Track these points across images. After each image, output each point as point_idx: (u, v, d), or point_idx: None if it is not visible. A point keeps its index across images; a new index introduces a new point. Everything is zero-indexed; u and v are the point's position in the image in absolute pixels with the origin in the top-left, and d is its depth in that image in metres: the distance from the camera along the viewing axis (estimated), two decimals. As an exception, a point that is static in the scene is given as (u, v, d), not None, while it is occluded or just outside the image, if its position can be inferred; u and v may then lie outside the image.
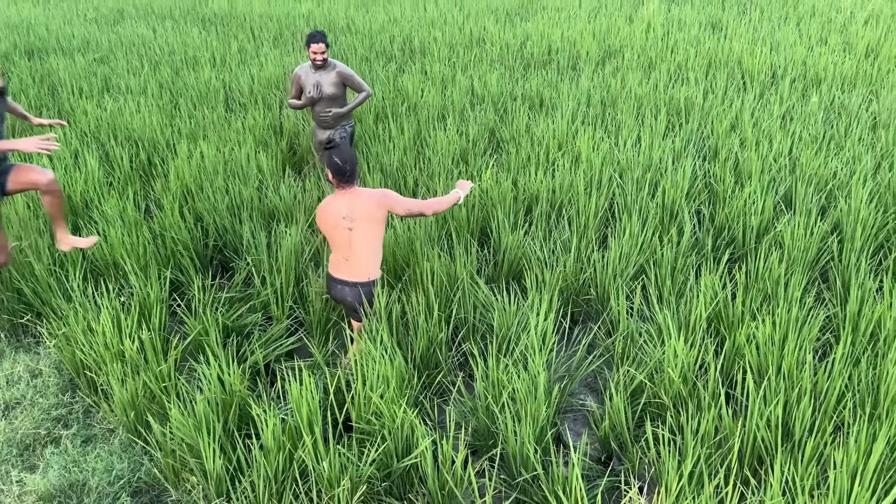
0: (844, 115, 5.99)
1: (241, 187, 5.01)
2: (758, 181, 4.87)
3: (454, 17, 9.97)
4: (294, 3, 11.28)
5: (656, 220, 4.66)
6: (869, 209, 4.36)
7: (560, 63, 8.11)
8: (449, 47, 8.75)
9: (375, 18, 10.08)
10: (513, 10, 10.44)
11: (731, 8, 9.84)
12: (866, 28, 8.32)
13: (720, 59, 7.61)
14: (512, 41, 8.78)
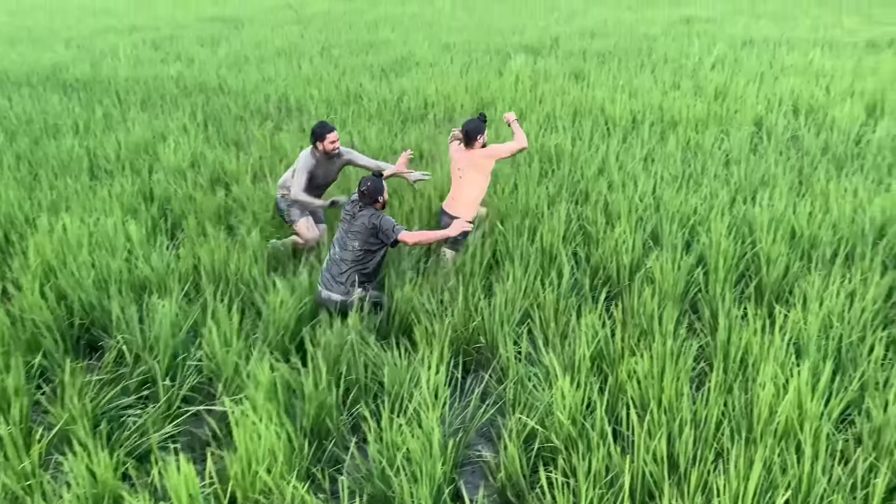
0: (700, 154, 6.46)
1: (109, 259, 4.73)
2: (626, 221, 5.13)
3: (329, 75, 10.04)
4: (162, 66, 10.97)
5: (537, 264, 4.79)
6: (728, 241, 4.68)
7: (436, 116, 8.30)
8: (326, 104, 8.77)
9: (249, 78, 9.97)
10: (388, 67, 10.64)
11: (592, 59, 10.49)
12: (714, 72, 9.09)
13: (585, 107, 8.05)
14: (388, 96, 8.92)
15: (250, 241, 5.11)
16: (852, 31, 11.37)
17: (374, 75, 10.18)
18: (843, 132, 6.72)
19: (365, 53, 11.63)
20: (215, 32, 13.99)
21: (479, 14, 15.10)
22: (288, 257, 5.22)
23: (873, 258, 4.52)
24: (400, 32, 13.35)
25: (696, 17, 13.21)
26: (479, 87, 9.22)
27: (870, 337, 3.66)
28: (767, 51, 10.25)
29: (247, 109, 8.61)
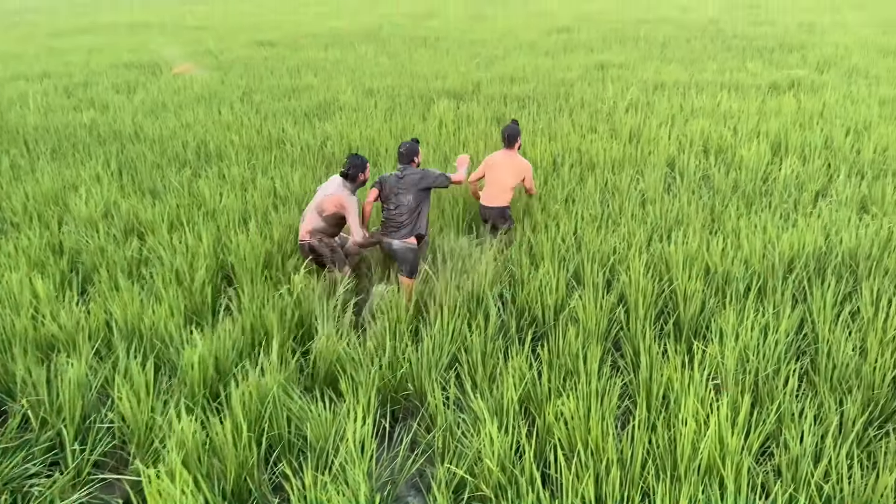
0: (617, 195, 6.67)
1: (13, 318, 4.47)
2: (550, 262, 5.22)
3: (251, 120, 9.93)
4: (74, 113, 10.61)
5: (464, 308, 4.80)
6: (646, 279, 4.82)
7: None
8: (248, 150, 8.65)
9: (166, 125, 9.75)
10: (311, 112, 10.62)
11: (512, 103, 10.77)
12: (628, 115, 9.46)
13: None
14: (312, 141, 8.88)
15: (166, 294, 4.93)
16: (755, 75, 12.10)
17: (297, 120, 10.13)
18: (751, 171, 7.09)
19: (287, 98, 11.58)
20: (132, 79, 13.67)
21: (402, 60, 15.32)
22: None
23: (784, 292, 4.73)
24: (323, 77, 13.39)
25: (610, 62, 13.78)
26: (403, 131, 9.30)
27: (784, 369, 3.80)
28: (678, 94, 10.77)
29: (164, 156, 8.40)
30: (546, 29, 19.61)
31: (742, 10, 22.27)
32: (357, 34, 19.95)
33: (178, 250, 5.72)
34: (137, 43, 19.40)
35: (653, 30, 18.40)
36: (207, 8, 31.41)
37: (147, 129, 9.50)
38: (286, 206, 6.79)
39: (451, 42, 17.79)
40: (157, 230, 6.12)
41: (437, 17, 23.77)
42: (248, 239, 5.81)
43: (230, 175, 7.61)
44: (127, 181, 7.55)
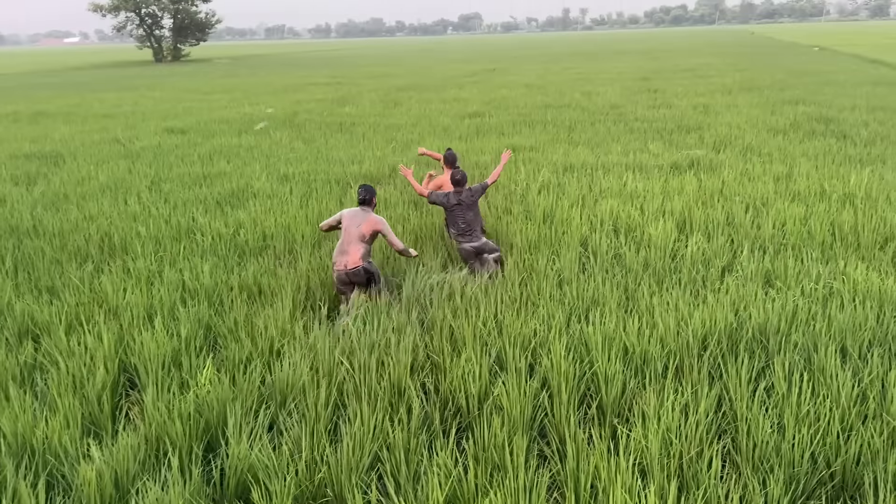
0: (535, 276, 6.75)
1: None
2: (472, 348, 5.16)
3: (159, 210, 9.64)
4: (-35, 208, 10.04)
5: (385, 400, 4.65)
6: (568, 362, 4.82)
7: (276, 248, 8.14)
8: (155, 241, 8.35)
9: (68, 217, 9.33)
10: (223, 199, 10.42)
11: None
12: (540, 197, 9.74)
13: (425, 234, 8.27)
14: (224, 230, 8.67)
15: (61, 403, 4.56)
16: (657, 155, 12.79)
17: (209, 209, 9.91)
18: (660, 249, 7.35)
19: (198, 186, 11.35)
20: (32, 170, 13.13)
21: (317, 145, 15.41)
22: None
23: (700, 370, 4.82)
24: (236, 164, 13.26)
25: (521, 145, 14.30)
26: (319, 217, 9.22)
27: (707, 450, 3.82)
28: (586, 175, 11.22)
29: (64, 251, 7.98)
30: (459, 114, 20.28)
31: (642, 95, 23.75)
32: (272, 119, 20.02)
33: (76, 353, 5.35)
34: (40, 132, 18.78)
35: (559, 114, 19.32)
36: (116, 95, 30.95)
37: (47, 223, 9.05)
38: (195, 300, 6.52)
39: (367, 127, 18.10)
40: (53, 332, 5.72)
41: (351, 104, 24.22)
42: (153, 338, 5.52)
43: (135, 269, 7.29)
44: (23, 279, 7.11)
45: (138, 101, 27.89)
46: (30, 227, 8.95)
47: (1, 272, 7.28)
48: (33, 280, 7.15)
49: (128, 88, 35.57)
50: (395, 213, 9.17)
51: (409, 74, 41.64)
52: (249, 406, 4.71)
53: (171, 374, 5.10)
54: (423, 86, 31.91)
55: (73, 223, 9.04)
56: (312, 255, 7.83)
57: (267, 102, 25.55)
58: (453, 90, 28.67)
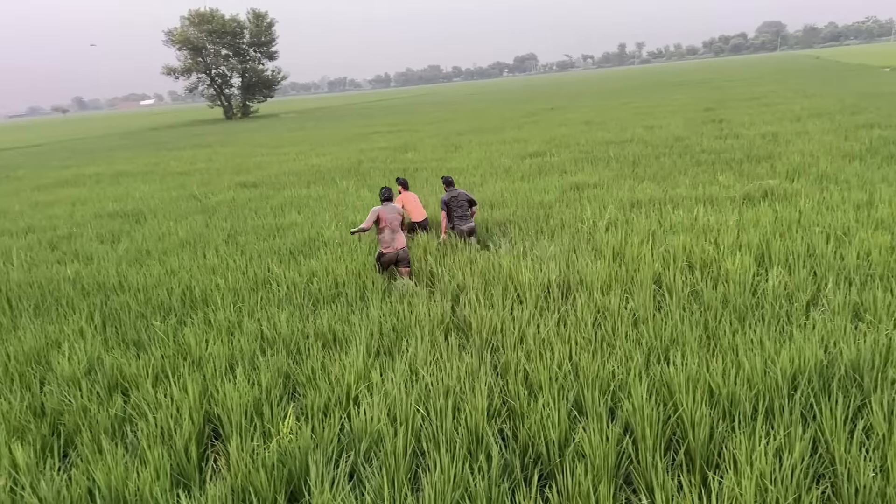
0: (609, 316, 6.63)
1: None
2: (549, 392, 5.08)
3: (236, 262, 9.96)
4: (58, 266, 10.60)
5: (463, 448, 4.60)
6: (650, 406, 4.68)
7: (348, 295, 8.26)
8: (233, 293, 8.60)
9: (151, 273, 9.74)
10: (296, 249, 10.69)
11: (494, 228, 10.97)
12: (608, 234, 9.62)
13: (493, 276, 8.26)
14: (298, 279, 8.87)
15: (151, 455, 4.70)
16: (728, 187, 12.49)
17: (283, 259, 10.17)
18: (739, 284, 7.12)
19: (272, 238, 11.69)
20: (115, 227, 13.82)
21: (383, 192, 15.71)
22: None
23: (792, 411, 4.61)
24: (306, 214, 13.62)
25: (585, 183, 14.22)
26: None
27: (805, 497, 3.62)
28: (654, 210, 11.04)
29: (148, 305, 8.31)
30: (519, 154, 20.37)
31: (706, 126, 23.37)
32: (337, 170, 20.55)
33: (163, 405, 5.52)
34: (121, 192, 19.80)
35: (621, 149, 19.17)
36: (191, 153, 32.42)
37: (131, 279, 9.47)
38: (274, 349, 6.66)
39: (430, 172, 18.35)
40: (141, 385, 5.93)
41: (413, 150, 24.65)
42: (235, 387, 5.65)
43: (216, 320, 7.51)
44: (111, 334, 7.42)
45: (212, 157, 29.12)
46: (115, 284, 9.37)
47: (90, 327, 7.62)
48: (121, 334, 7.45)
49: (201, 146, 37.22)
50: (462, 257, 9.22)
51: (467, 118, 42.21)
52: (330, 454, 4.74)
53: (254, 424, 5.20)
54: (481, 128, 32.26)
55: (155, 278, 9.42)
56: (383, 300, 7.92)
57: (332, 153, 26.28)
58: (512, 131, 28.87)
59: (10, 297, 9.08)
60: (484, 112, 47.68)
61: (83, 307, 8.35)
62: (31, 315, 8.33)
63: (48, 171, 29.46)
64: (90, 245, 12.22)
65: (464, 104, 65.31)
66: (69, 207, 17.31)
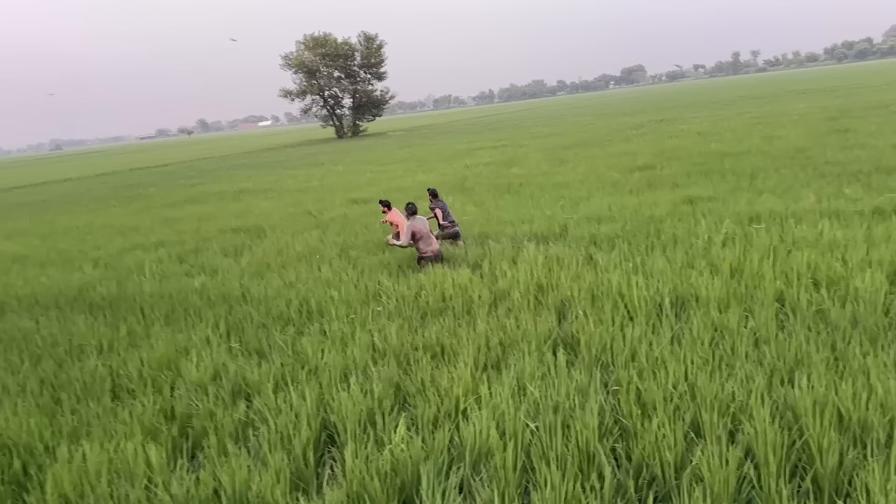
0: (727, 335, 6.36)
1: (128, 489, 4.55)
2: (663, 412, 4.93)
3: (349, 276, 10.31)
4: (186, 279, 11.35)
5: (574, 465, 4.54)
6: (774, 429, 4.45)
7: (455, 309, 8.36)
8: (346, 304, 8.90)
9: (271, 284, 10.25)
10: (404, 263, 10.94)
11: (602, 243, 10.77)
12: (725, 250, 9.24)
13: (602, 291, 8.12)
14: (407, 292, 9.06)
15: (272, 459, 4.93)
16: (856, 200, 11.71)
17: (392, 272, 10.43)
18: (870, 303, 6.66)
19: (382, 252, 12.01)
20: (238, 242, 14.63)
21: (487, 207, 15.79)
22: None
23: (933, 439, 4.25)
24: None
25: (699, 196, 13.72)
26: (494, 277, 9.38)
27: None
28: (775, 225, 10.50)
29: (269, 316, 8.74)
30: (627, 168, 19.94)
31: (830, 136, 22.03)
32: (443, 186, 20.86)
33: (282, 411, 5.78)
34: (243, 208, 20.95)
35: (738, 161, 18.37)
36: (306, 171, 33.87)
37: (253, 290, 9.99)
38: (385, 360, 6.83)
39: (535, 187, 18.30)
40: (263, 391, 6.24)
41: (518, 165, 24.66)
42: (349, 396, 5.84)
43: (331, 331, 7.80)
44: (235, 342, 7.85)
45: (325, 175, 30.32)
46: (239, 295, 9.92)
47: (216, 336, 8.10)
48: (243, 343, 7.87)
49: (315, 164, 38.83)
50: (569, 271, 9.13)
51: (572, 132, 41.81)
52: (441, 465, 4.80)
53: (367, 432, 5.35)
54: (588, 142, 31.85)
55: (275, 290, 9.90)
56: (490, 314, 7.96)
57: (438, 169, 26.72)
58: (620, 144, 28.32)
59: (143, 307, 9.81)
60: (590, 125, 47.07)
61: (209, 317, 8.89)
62: (162, 323, 8.95)
63: (176, 189, 31.63)
64: (215, 258, 13.00)
65: (569, 118, 64.73)
66: (195, 223, 18.49)
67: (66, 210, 27.07)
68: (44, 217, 25.06)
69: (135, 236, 17.33)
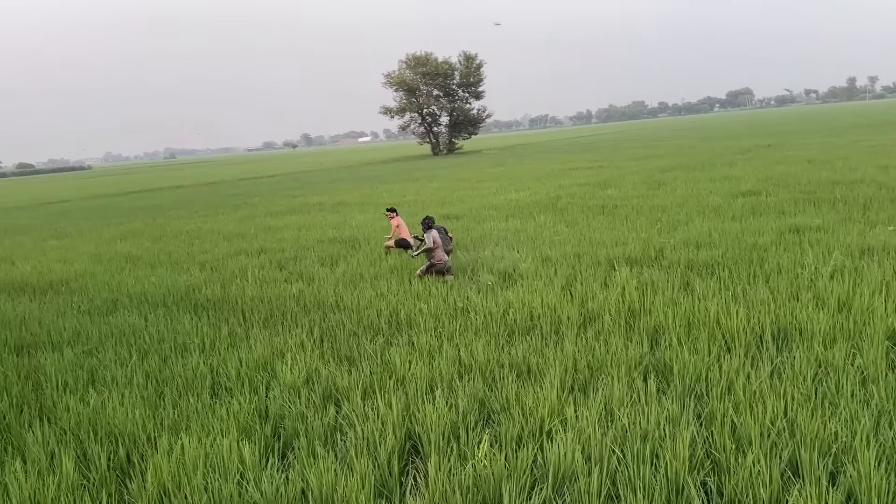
0: (832, 372, 6.01)
1: (222, 483, 4.76)
2: (759, 447, 4.71)
3: (438, 290, 10.42)
4: (285, 285, 11.80)
5: (661, 496, 4.41)
6: (880, 473, 4.17)
7: (542, 328, 8.30)
8: (435, 318, 9.00)
9: (363, 294, 10.50)
10: (493, 281, 10.96)
11: (700, 268, 10.41)
12: (833, 283, 8.74)
13: (698, 320, 7.85)
14: (494, 309, 9.07)
15: (358, 464, 5.04)
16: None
17: (481, 289, 10.46)
18: None
19: (470, 268, 12.08)
20: (335, 252, 15.09)
21: (580, 228, 15.60)
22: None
23: None
24: (504, 247, 13.91)
25: (806, 226, 13.04)
26: (584, 298, 9.25)
27: None
28: (890, 258, 9.85)
29: (360, 325, 8.96)
30: (730, 193, 19.22)
31: (955, 165, 20.49)
32: (535, 205, 20.78)
33: (369, 418, 5.90)
34: (340, 220, 21.59)
35: (850, 191, 17.37)
36: (401, 186, 34.56)
37: (346, 299, 10.27)
38: (470, 375, 6.85)
39: (630, 209, 17.94)
40: (351, 397, 6.40)
41: (613, 186, 24.25)
42: (434, 409, 5.89)
43: (419, 343, 7.91)
44: (327, 348, 8.09)
45: (419, 190, 30.83)
46: (333, 303, 10.22)
47: (310, 341, 8.37)
48: (335, 349, 8.10)
49: (410, 180, 39.56)
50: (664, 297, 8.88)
51: (672, 154, 40.74)
52: (523, 485, 4.77)
53: (451, 445, 5.38)
54: (688, 165, 30.94)
55: (367, 300, 10.15)
56: (579, 336, 7.84)
57: (531, 188, 26.65)
58: (723, 168, 27.34)
59: (244, 310, 10.26)
60: (691, 148, 45.73)
61: (304, 322, 9.21)
62: (260, 326, 9.34)
63: (279, 199, 32.98)
64: (312, 267, 13.46)
65: (669, 140, 63.15)
66: (295, 232, 19.20)
67: (176, 215, 28.73)
68: (156, 221, 26.70)
69: (239, 242, 18.18)
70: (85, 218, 31.45)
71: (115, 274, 14.71)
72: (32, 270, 16.24)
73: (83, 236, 23.54)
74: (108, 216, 31.51)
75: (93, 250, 19.14)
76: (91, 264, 16.36)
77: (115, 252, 18.31)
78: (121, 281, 13.72)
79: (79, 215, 33.74)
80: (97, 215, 32.74)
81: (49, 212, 39.43)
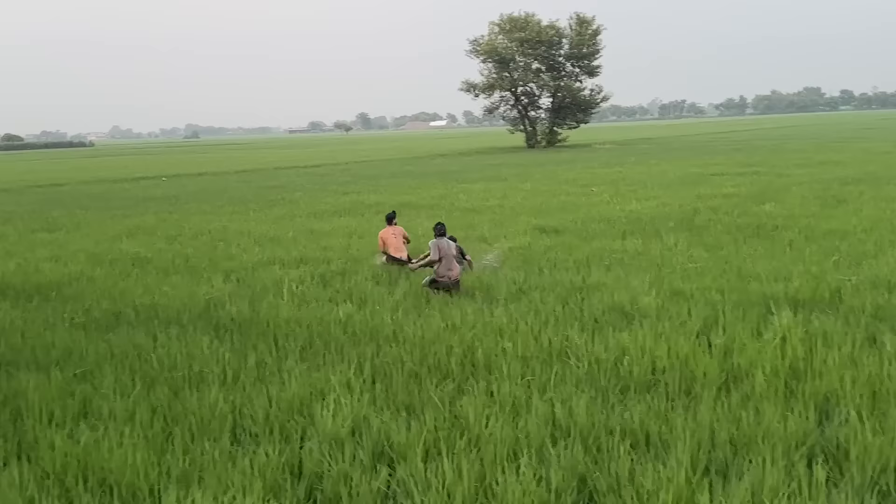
0: None
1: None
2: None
3: (528, 324, 10.40)
4: (330, 306, 12.02)
5: None
6: None
7: (668, 386, 8.17)
8: (522, 361, 8.99)
9: (429, 325, 10.58)
10: (601, 317, 10.86)
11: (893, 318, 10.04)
12: None
13: (887, 389, 7.57)
14: (603, 355, 8.99)
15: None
16: None
17: (585, 326, 10.39)
18: None
19: (573, 298, 12.01)
20: (394, 268, 15.27)
21: (725, 254, 15.30)
22: None
23: None
24: (617, 272, 13.78)
25: None
26: (727, 349, 9.05)
27: None
28: None
29: (423, 364, 9.04)
30: (939, 217, 18.50)
31: None
32: (663, 219, 20.51)
33: (433, 486, 5.93)
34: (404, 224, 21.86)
35: None
36: (483, 186, 34.75)
37: (407, 329, 10.39)
38: (567, 441, 6.80)
39: (796, 232, 17.52)
40: (410, 458, 6.45)
41: (774, 200, 23.71)
42: (518, 481, 5.87)
43: (500, 393, 7.91)
44: (380, 392, 8.19)
45: (507, 193, 30.93)
46: (390, 333, 10.36)
47: (359, 381, 8.50)
48: (390, 394, 8.19)
49: (496, 179, 39.75)
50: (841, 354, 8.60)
51: (858, 161, 39.56)
52: None
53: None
54: (879, 177, 29.98)
55: (434, 332, 10.23)
56: (719, 399, 7.67)
57: (659, 197, 26.33)
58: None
59: (277, 335, 10.52)
60: (885, 154, 44.32)
61: (352, 356, 9.36)
62: (297, 358, 9.54)
63: (326, 195, 33.71)
64: (365, 285, 13.69)
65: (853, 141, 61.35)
66: (345, 240, 19.58)
67: (197, 209, 29.75)
68: (171, 216, 27.70)
69: (274, 248, 18.67)
70: (83, 207, 32.84)
71: (118, 279, 15.32)
72: (16, 269, 17.10)
73: (80, 230, 24.64)
74: (111, 206, 32.85)
75: (92, 248, 20.01)
76: (89, 266, 17.09)
77: (120, 252, 19.09)
78: (125, 289, 14.28)
79: (75, 203, 35.24)
80: (98, 204, 34.18)
81: (38, 197, 41.33)
